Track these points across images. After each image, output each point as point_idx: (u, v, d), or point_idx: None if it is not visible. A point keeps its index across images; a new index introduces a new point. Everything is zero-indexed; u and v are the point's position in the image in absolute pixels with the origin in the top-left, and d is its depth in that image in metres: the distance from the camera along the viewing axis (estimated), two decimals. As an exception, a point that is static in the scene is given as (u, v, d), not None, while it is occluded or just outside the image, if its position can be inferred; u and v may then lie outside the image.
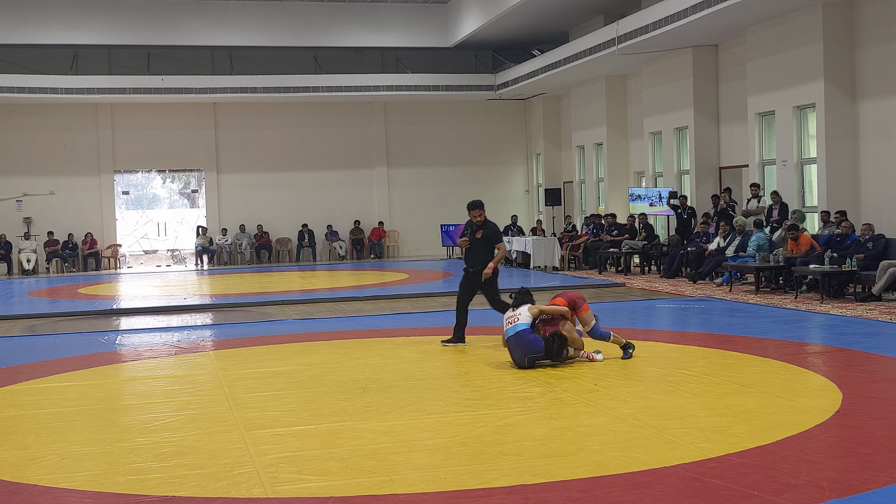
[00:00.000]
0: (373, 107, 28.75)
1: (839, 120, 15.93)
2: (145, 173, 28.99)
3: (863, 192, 15.89)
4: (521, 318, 8.89)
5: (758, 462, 5.44)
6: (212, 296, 18.09)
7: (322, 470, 5.59)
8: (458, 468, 5.55)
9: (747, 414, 6.68)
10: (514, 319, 8.94)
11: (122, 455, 6.13)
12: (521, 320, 8.87)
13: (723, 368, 8.57)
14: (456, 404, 7.38)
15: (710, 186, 19.96)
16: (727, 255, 16.56)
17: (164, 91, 25.73)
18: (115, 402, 8.15)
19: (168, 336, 12.22)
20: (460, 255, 26.89)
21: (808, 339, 10.57)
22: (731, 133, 19.64)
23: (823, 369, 8.42)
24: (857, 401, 6.96)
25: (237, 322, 13.64)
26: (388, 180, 28.99)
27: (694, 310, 13.47)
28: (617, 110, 24.01)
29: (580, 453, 5.80)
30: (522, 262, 22.13)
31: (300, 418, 7.02)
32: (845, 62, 15.96)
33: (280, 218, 28.21)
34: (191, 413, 7.35)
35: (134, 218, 29.22)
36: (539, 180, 29.04)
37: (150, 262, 28.35)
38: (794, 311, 12.66)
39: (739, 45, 18.78)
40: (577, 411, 6.97)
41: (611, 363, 8.98)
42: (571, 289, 16.88)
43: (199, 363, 9.98)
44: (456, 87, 27.33)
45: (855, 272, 13.45)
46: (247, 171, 28.11)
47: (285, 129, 28.37)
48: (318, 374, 8.85)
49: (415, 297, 16.22)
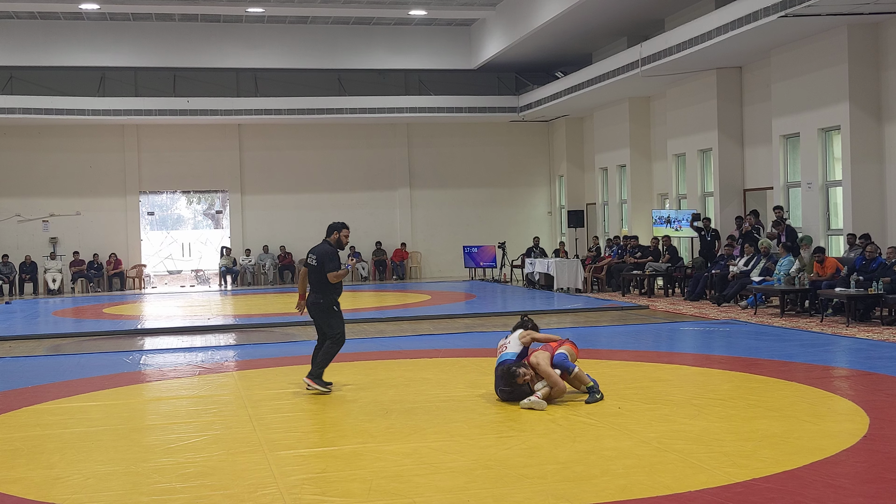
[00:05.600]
0: (396, 128, 28.87)
1: (864, 142, 15.84)
2: (170, 194, 29.20)
3: (889, 215, 15.76)
4: (510, 347, 8.43)
5: (784, 487, 5.39)
6: (235, 316, 18.16)
7: (345, 491, 5.58)
8: (481, 491, 5.53)
9: (773, 438, 6.62)
10: (504, 348, 8.50)
11: (146, 475, 6.15)
12: (509, 349, 8.41)
13: (748, 392, 8.51)
14: (479, 427, 7.35)
15: (735, 209, 19.87)
16: (752, 277, 16.47)
17: (189, 113, 25.95)
18: (139, 422, 8.19)
19: (192, 356, 12.26)
20: (483, 277, 26.98)
21: (835, 362, 10.47)
22: (755, 155, 19.56)
23: (850, 393, 8.33)
24: (884, 425, 6.89)
25: (260, 343, 13.67)
26: (410, 201, 29.05)
27: (718, 333, 13.38)
28: (640, 132, 23.98)
29: (604, 477, 5.77)
30: (545, 284, 22.08)
31: (324, 439, 7.02)
32: (871, 84, 15.88)
33: (303, 238, 28.22)
34: (214, 433, 7.37)
35: (158, 238, 29.43)
36: (562, 202, 29.01)
37: (174, 282, 28.49)
38: (819, 335, 12.55)
39: (764, 66, 18.74)
40: (601, 434, 6.93)
41: (635, 385, 8.91)
42: (595, 311, 16.87)
43: (222, 383, 10.01)
44: (479, 108, 27.40)
45: (882, 296, 13.32)
46: (270, 192, 28.26)
47: (309, 150, 28.52)
48: (341, 396, 8.85)
49: (437, 318, 16.21)
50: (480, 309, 17.73)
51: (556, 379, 8.06)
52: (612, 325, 14.77)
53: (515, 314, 9.35)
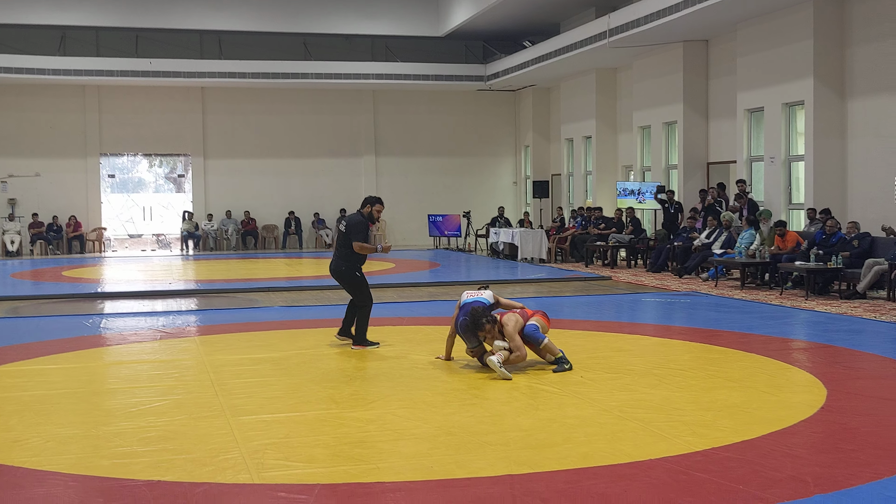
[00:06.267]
0: (362, 95, 28.66)
1: (828, 117, 15.98)
2: (131, 157, 28.81)
3: (849, 190, 15.95)
4: (484, 295, 8.61)
5: (743, 456, 5.46)
6: (197, 281, 18.02)
7: (308, 457, 5.58)
8: (444, 457, 5.55)
9: (732, 408, 6.71)
10: (476, 295, 8.63)
11: (107, 439, 6.10)
12: (482, 296, 8.59)
13: (708, 363, 8.61)
14: (442, 394, 7.37)
15: (698, 182, 20.00)
16: (714, 250, 16.62)
17: (152, 74, 25.56)
18: (99, 385, 8.12)
19: (153, 321, 12.16)
20: (447, 246, 26.97)
21: (793, 335, 10.62)
22: (719, 129, 19.68)
23: (808, 365, 8.46)
24: (841, 397, 7.00)
25: (222, 308, 13.59)
26: (375, 169, 28.92)
27: (679, 304, 13.50)
28: (606, 104, 24.01)
29: (566, 444, 5.81)
30: (509, 254, 22.13)
31: (286, 405, 7.01)
32: (835, 60, 16.00)
33: (267, 205, 28.11)
34: (176, 398, 7.32)
35: (119, 201, 29.06)
36: (527, 172, 29.03)
37: (134, 246, 28.20)
38: (779, 308, 12.70)
39: (730, 40, 18.80)
40: (564, 402, 6.98)
41: (597, 355, 8.98)
42: (558, 281, 16.95)
43: (184, 348, 9.94)
44: (446, 76, 27.27)
45: (840, 270, 13.51)
46: (234, 157, 27.99)
47: (274, 115, 28.25)
48: (304, 362, 8.83)
49: (401, 286, 16.20)
50: (444, 278, 17.74)
51: (521, 344, 8.09)
52: (575, 295, 14.85)
53: (479, 283, 9.31)
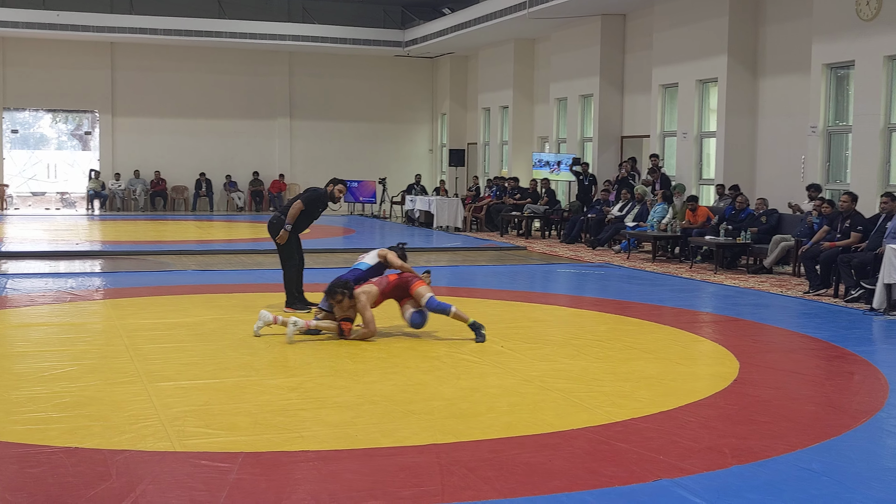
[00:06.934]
0: (277, 56, 28.17)
1: (740, 95, 16.33)
2: (34, 112, 27.83)
3: (759, 168, 16.37)
4: (366, 259, 8.79)
5: (662, 427, 5.59)
6: (105, 242, 17.57)
7: (230, 425, 5.50)
8: (368, 426, 5.54)
9: (649, 379, 6.85)
10: (359, 260, 8.84)
11: (20, 404, 5.91)
12: (364, 260, 8.79)
13: (623, 334, 8.76)
14: (363, 362, 7.35)
15: (612, 155, 20.28)
16: (626, 223, 16.89)
17: (59, 27, 24.66)
18: (7, 348, 7.85)
19: (60, 282, 11.82)
20: (362, 212, 26.81)
21: (703, 307, 10.90)
22: (634, 103, 19.94)
23: (719, 338, 8.67)
24: (753, 370, 7.20)
25: (133, 271, 13.28)
26: (290, 132, 28.54)
27: (593, 275, 13.71)
28: (524, 74, 24.10)
29: (489, 414, 5.86)
30: (425, 222, 22.13)
31: (205, 372, 6.89)
32: (749, 38, 16.33)
33: (177, 165, 27.48)
34: (90, 362, 7.14)
35: (22, 158, 28.09)
36: (444, 140, 29.02)
37: (38, 204, 27.34)
38: (688, 280, 13.00)
39: (647, 15, 19.02)
40: (485, 372, 7.03)
41: (514, 325, 9.06)
42: (473, 250, 17.03)
43: (94, 311, 9.70)
44: (363, 41, 26.98)
45: (748, 245, 13.88)
46: (144, 116, 27.25)
47: (186, 74, 27.57)
48: (221, 328, 8.69)
49: (315, 252, 16.03)
50: (359, 244, 17.63)
51: (370, 319, 8.08)
52: (490, 264, 14.95)
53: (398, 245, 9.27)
